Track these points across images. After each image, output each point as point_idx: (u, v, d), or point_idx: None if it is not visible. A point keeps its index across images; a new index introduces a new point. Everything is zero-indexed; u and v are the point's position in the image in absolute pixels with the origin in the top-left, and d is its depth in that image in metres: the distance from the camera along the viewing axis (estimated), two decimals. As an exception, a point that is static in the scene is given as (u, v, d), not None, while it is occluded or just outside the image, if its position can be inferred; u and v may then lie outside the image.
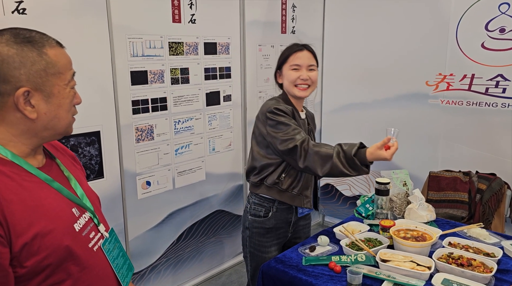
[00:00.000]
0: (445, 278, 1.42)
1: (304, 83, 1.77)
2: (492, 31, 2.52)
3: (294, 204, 1.81)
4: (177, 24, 2.40)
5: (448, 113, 2.79)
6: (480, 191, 2.31)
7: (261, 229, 1.84)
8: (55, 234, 0.86)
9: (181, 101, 2.51)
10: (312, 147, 1.62)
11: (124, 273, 1.07)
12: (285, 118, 1.69)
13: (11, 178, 0.84)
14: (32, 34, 0.87)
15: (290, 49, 1.81)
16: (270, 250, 1.86)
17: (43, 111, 0.88)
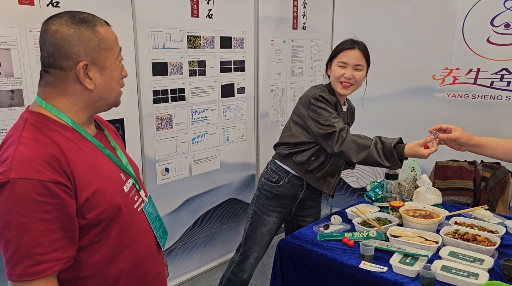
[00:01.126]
0: (451, 250, 1.53)
1: (347, 82, 1.83)
2: (497, 26, 2.62)
3: (315, 186, 1.93)
4: (195, 18, 2.52)
5: (454, 106, 2.89)
6: (485, 178, 2.41)
7: (269, 192, 1.98)
8: (110, 192, 0.99)
9: (198, 93, 2.63)
10: (350, 135, 1.72)
11: (161, 234, 1.19)
12: (328, 106, 1.79)
13: (73, 142, 0.96)
14: (85, 15, 0.99)
15: (343, 45, 1.86)
16: (272, 214, 1.99)
17: (99, 83, 0.99)
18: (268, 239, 2.05)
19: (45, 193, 0.85)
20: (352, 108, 2.08)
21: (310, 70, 3.43)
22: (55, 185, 0.87)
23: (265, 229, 2.02)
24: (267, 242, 2.06)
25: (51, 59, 0.95)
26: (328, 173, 1.92)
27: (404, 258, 1.49)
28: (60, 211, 0.88)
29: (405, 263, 1.45)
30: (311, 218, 2.08)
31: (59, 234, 0.88)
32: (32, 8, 1.81)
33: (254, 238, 2.03)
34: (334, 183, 1.97)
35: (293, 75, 3.28)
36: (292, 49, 3.22)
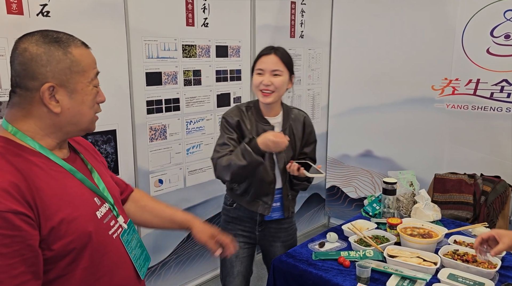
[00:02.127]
0: (450, 273, 1.48)
1: (266, 89, 1.69)
2: (497, 37, 2.58)
3: (250, 208, 1.81)
4: (191, 27, 2.48)
5: (454, 117, 2.85)
6: (485, 193, 2.36)
7: (227, 216, 1.90)
8: (80, 220, 0.92)
9: (193, 102, 2.58)
10: (220, 158, 1.68)
11: (141, 263, 1.12)
12: (226, 131, 1.74)
13: (40, 167, 0.91)
14: (60, 35, 0.94)
15: (260, 53, 1.77)
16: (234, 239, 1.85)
17: (67, 107, 0.93)
18: (241, 268, 1.88)
19: (3, 224, 0.79)
20: (300, 118, 1.85)
21: (308, 78, 3.39)
22: (14, 215, 0.80)
23: (232, 256, 1.84)
24: (240, 272, 1.88)
25: (18, 78, 0.90)
26: (260, 193, 1.78)
27: (401, 281, 1.44)
28: (20, 244, 0.82)
29: (403, 287, 1.40)
30: (279, 242, 1.89)
31: (20, 268, 0.82)
32: (21, 18, 1.76)
33: (225, 268, 1.90)
34: (271, 201, 1.80)
35: (290, 84, 3.23)
36: (290, 58, 3.18)
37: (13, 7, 1.73)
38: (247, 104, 1.82)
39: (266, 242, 1.91)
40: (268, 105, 1.76)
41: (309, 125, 1.89)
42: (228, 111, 1.80)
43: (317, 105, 3.52)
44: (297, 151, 1.84)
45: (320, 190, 3.70)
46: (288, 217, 1.89)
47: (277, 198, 1.83)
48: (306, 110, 3.41)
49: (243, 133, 1.75)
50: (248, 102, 1.84)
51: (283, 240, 1.90)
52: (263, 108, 1.79)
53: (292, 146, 1.81)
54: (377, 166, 3.31)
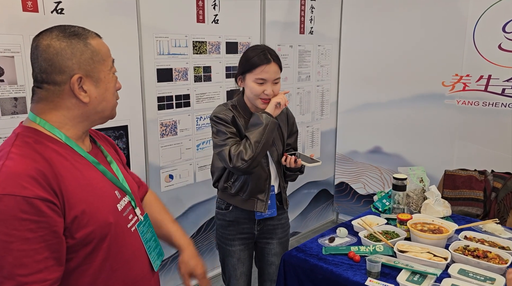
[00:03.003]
0: (461, 268, 1.48)
1: (267, 98, 1.71)
2: (509, 32, 2.56)
3: (245, 208, 1.80)
4: (201, 24, 2.50)
5: (464, 114, 2.84)
6: (496, 189, 2.35)
7: (223, 221, 1.87)
8: (102, 211, 0.96)
9: (203, 98, 2.60)
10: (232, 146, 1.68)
11: (155, 256, 1.14)
12: (224, 126, 1.72)
13: (65, 158, 0.94)
14: (76, 29, 0.97)
15: (257, 60, 1.69)
16: (234, 243, 1.86)
17: (94, 95, 0.97)
18: (244, 269, 1.90)
19: (30, 210, 0.82)
20: (283, 117, 1.88)
21: (317, 75, 3.39)
22: (41, 201, 0.83)
23: (233, 259, 1.88)
24: (243, 272, 1.91)
25: (44, 74, 0.93)
26: (255, 190, 1.78)
27: (412, 275, 1.45)
28: (46, 230, 0.84)
29: (413, 281, 1.41)
30: (275, 239, 1.90)
31: (44, 254, 0.85)
32: (36, 15, 1.79)
33: (228, 271, 1.91)
34: (267, 198, 1.80)
35: (300, 80, 3.24)
36: (299, 54, 3.19)
37: (28, 4, 1.76)
38: (232, 103, 1.81)
39: (263, 240, 1.91)
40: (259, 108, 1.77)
41: (291, 117, 1.94)
42: (218, 110, 1.78)
43: (326, 101, 3.52)
44: (284, 143, 1.87)
45: (328, 186, 3.71)
46: (286, 209, 1.92)
47: (271, 195, 1.83)
48: (315, 106, 3.44)
49: (239, 129, 1.74)
50: (231, 102, 1.82)
51: (279, 237, 1.91)
52: (251, 106, 1.79)
53: (281, 138, 1.84)
54: (386, 162, 3.31)
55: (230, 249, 1.87)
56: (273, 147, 1.80)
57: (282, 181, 1.87)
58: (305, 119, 3.36)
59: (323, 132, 3.56)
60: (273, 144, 1.79)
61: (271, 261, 1.92)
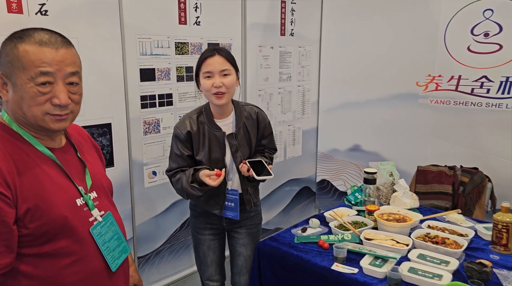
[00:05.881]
0: (420, 253, 1.59)
1: (219, 91, 1.69)
2: (477, 35, 2.70)
3: (206, 208, 1.85)
4: (183, 25, 2.59)
5: (437, 112, 2.96)
6: (463, 183, 2.47)
7: (195, 211, 1.95)
8: (57, 205, 1.00)
9: (186, 98, 2.69)
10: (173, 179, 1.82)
11: (116, 255, 1.14)
12: (175, 144, 1.80)
13: (27, 154, 1.00)
14: (29, 32, 0.98)
15: (202, 56, 1.74)
16: (204, 232, 1.92)
17: (11, 98, 1.00)
18: (214, 257, 1.95)
19: None
20: (251, 114, 1.86)
21: (298, 75, 3.49)
22: None
23: (204, 247, 1.94)
24: (214, 260, 1.96)
25: None
26: (212, 195, 1.80)
27: (374, 260, 1.56)
28: None
29: (375, 265, 1.52)
30: (244, 228, 1.92)
31: None
32: (20, 17, 1.86)
33: (199, 258, 1.98)
34: (223, 202, 1.83)
35: (281, 80, 3.34)
36: (280, 55, 3.29)
37: (13, 6, 1.84)
38: (199, 111, 1.83)
39: (232, 230, 1.95)
40: (221, 107, 1.77)
41: (263, 120, 1.90)
42: (178, 124, 1.82)
43: (307, 101, 3.63)
44: (253, 148, 1.87)
45: (310, 183, 3.81)
46: (249, 210, 1.91)
47: (232, 198, 1.84)
48: (296, 106, 3.55)
49: (194, 145, 1.79)
50: (199, 108, 1.85)
51: (248, 228, 1.93)
52: (215, 111, 1.80)
53: (248, 143, 1.85)
54: (364, 160, 3.42)
55: (200, 238, 1.94)
56: (238, 153, 1.81)
57: (246, 184, 1.86)
58: (287, 118, 3.46)
59: (305, 131, 3.66)
60: (237, 150, 1.81)
61: (239, 251, 1.94)
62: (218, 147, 1.79)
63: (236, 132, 1.81)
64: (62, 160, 1.07)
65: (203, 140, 1.79)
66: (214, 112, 1.81)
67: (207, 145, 1.79)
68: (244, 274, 1.92)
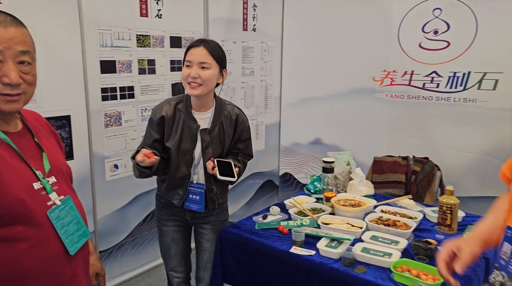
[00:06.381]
0: (373, 234, 1.69)
1: (194, 82, 1.68)
2: (427, 33, 2.86)
3: (166, 196, 1.87)
4: (144, 18, 2.58)
5: (392, 106, 3.12)
6: (415, 172, 2.63)
7: (159, 202, 1.96)
8: (13, 189, 0.98)
9: (148, 91, 2.68)
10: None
11: (75, 239, 1.12)
12: (149, 127, 1.82)
13: None
14: None
15: (189, 45, 1.76)
16: (167, 224, 1.93)
17: None
18: (178, 249, 1.95)
19: None
20: (231, 114, 1.84)
21: (261, 70, 3.56)
22: None
23: (167, 239, 1.94)
24: (178, 252, 1.95)
25: None
26: (174, 184, 1.83)
27: (330, 242, 1.64)
28: None
29: (331, 247, 1.60)
30: (209, 224, 1.90)
31: None
32: (-28, 4, 1.81)
33: (163, 249, 1.98)
34: (184, 194, 1.83)
35: (243, 75, 3.39)
36: (243, 50, 3.34)
37: (-36, -8, 1.78)
38: (180, 99, 1.82)
39: (197, 225, 1.95)
40: (198, 99, 1.75)
41: (242, 123, 1.87)
42: (156, 107, 1.82)
43: (270, 96, 3.70)
44: (226, 148, 1.85)
45: (273, 176, 3.89)
46: (214, 208, 1.88)
47: (197, 192, 1.83)
48: (259, 100, 3.61)
49: (166, 129, 1.77)
50: (181, 96, 1.84)
51: (213, 224, 1.91)
52: (193, 102, 1.78)
53: (221, 142, 1.82)
54: (325, 152, 3.50)
55: (164, 229, 1.94)
56: (208, 150, 1.79)
57: (211, 182, 1.83)
58: (250, 113, 3.52)
59: (268, 126, 3.73)
60: (208, 146, 1.79)
61: (205, 246, 1.93)
62: (189, 138, 1.78)
63: (211, 129, 1.79)
64: (18, 144, 1.06)
65: (176, 127, 1.77)
66: (193, 104, 1.80)
67: (179, 133, 1.77)
68: (209, 269, 1.92)
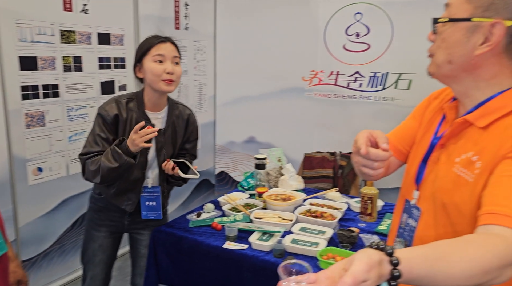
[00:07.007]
0: (302, 226, 1.78)
1: (170, 78, 1.64)
2: (350, 35, 3.05)
3: (114, 202, 1.77)
4: (69, 13, 2.46)
5: (321, 105, 3.28)
6: (342, 167, 2.80)
7: (95, 205, 1.84)
8: None
9: (75, 89, 2.56)
10: (89, 160, 1.64)
11: None
12: (99, 128, 1.66)
13: None
14: None
15: (152, 41, 1.67)
16: (100, 229, 1.82)
17: None
18: (103, 256, 1.84)
19: None
20: (182, 114, 1.82)
21: (194, 69, 3.55)
22: None
23: (95, 245, 1.82)
24: (103, 260, 1.85)
25: None
26: (125, 189, 1.73)
27: (262, 235, 1.70)
28: None
29: (262, 240, 1.66)
30: (147, 230, 1.86)
31: None
32: None
33: (88, 255, 1.86)
34: (135, 199, 1.77)
35: (177, 74, 3.36)
36: (175, 49, 3.30)
37: None
38: (129, 97, 1.71)
39: (134, 231, 1.88)
40: (160, 97, 1.71)
41: (192, 123, 1.86)
42: (104, 105, 1.68)
43: (204, 95, 3.71)
44: (177, 149, 1.83)
45: (209, 176, 3.90)
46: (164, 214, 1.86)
47: (153, 196, 1.78)
48: (193, 100, 3.60)
49: (119, 130, 1.68)
50: (130, 95, 1.74)
51: (152, 229, 1.86)
52: (149, 101, 1.71)
53: (173, 143, 1.79)
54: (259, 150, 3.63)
55: (95, 234, 1.83)
56: (162, 151, 1.75)
57: (164, 186, 1.82)
58: (184, 112, 3.50)
59: (203, 125, 3.73)
60: (162, 148, 1.75)
61: (142, 253, 1.87)
62: None
63: (165, 129, 1.75)
64: None
65: (129, 128, 1.66)
66: (148, 103, 1.71)
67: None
68: None
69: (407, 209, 1.01)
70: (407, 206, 1.01)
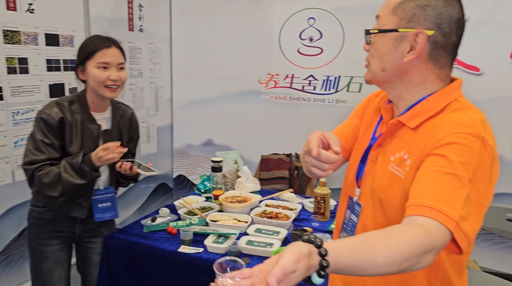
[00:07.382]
0: (257, 227, 1.81)
1: (114, 85, 1.64)
2: (304, 39, 3.13)
3: (62, 211, 1.70)
4: (12, 12, 2.34)
5: (277, 107, 3.34)
6: (297, 168, 2.86)
7: (39, 219, 1.72)
8: None
9: (20, 92, 2.45)
10: (40, 172, 1.57)
11: None
12: (42, 134, 1.59)
13: None
14: None
15: (96, 44, 1.64)
16: (50, 243, 1.72)
17: None
18: (62, 272, 1.76)
19: None
20: (126, 113, 1.84)
21: (149, 72, 3.49)
22: None
23: (50, 261, 1.72)
24: (62, 276, 1.76)
25: None
26: (75, 195, 1.67)
27: (217, 238, 1.70)
28: None
29: (217, 242, 1.67)
30: (100, 237, 1.82)
31: None
32: None
33: (43, 275, 1.73)
34: (87, 203, 1.72)
35: (131, 76, 3.29)
36: (130, 51, 3.24)
37: None
38: (70, 99, 1.67)
39: (86, 240, 1.82)
40: (104, 100, 1.70)
41: (135, 122, 1.89)
42: (45, 109, 1.61)
43: (160, 98, 3.65)
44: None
45: (167, 179, 3.85)
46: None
47: (106, 198, 1.77)
48: (149, 103, 3.54)
49: (65, 134, 1.63)
50: (70, 97, 1.70)
51: (105, 236, 1.82)
52: (92, 103, 1.70)
53: (121, 142, 1.76)
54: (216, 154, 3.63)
55: (45, 250, 1.71)
56: None
57: (115, 187, 1.82)
58: (140, 115, 3.41)
59: (159, 128, 3.68)
60: None
61: (95, 261, 1.82)
62: (91, 140, 1.67)
63: (112, 129, 1.74)
64: None
65: (75, 131, 1.63)
66: (92, 104, 1.69)
67: (79, 137, 1.64)
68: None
69: (350, 205, 1.06)
70: (350, 203, 1.06)
